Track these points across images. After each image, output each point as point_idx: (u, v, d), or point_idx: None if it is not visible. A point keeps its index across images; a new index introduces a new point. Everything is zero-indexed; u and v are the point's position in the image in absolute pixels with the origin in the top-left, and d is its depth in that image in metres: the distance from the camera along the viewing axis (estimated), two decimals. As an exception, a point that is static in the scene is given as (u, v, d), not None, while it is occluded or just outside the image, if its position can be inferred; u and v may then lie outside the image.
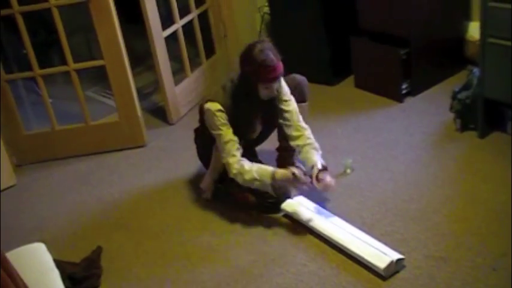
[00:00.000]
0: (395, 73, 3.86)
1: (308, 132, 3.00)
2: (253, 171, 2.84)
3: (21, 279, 1.97)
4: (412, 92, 3.92)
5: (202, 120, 3.03)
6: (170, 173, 3.58)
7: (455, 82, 3.75)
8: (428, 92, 3.96)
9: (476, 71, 3.33)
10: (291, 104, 2.98)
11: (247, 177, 2.84)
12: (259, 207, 2.99)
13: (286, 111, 2.97)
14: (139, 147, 3.94)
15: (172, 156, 3.77)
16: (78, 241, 3.09)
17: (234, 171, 2.85)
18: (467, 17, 4.04)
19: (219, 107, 2.82)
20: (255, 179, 2.84)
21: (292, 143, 3.00)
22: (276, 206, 2.96)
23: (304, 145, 2.96)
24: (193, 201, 3.26)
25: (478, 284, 2.38)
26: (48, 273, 2.26)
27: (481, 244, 2.58)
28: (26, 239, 2.73)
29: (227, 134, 2.85)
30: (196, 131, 3.26)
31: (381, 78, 4.00)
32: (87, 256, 2.89)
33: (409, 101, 3.90)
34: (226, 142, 2.85)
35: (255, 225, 2.96)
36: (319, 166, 2.88)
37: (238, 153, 2.87)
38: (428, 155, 3.32)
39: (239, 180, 2.87)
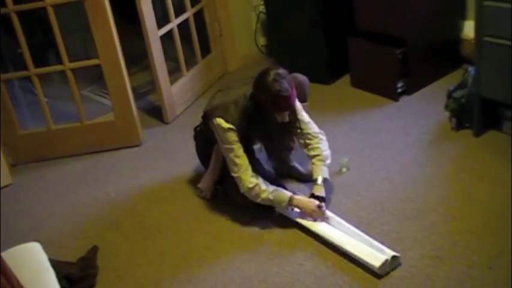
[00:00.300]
0: (391, 72, 3.86)
1: (319, 139, 3.01)
2: (269, 192, 2.84)
3: (17, 279, 1.97)
4: (408, 91, 3.93)
5: (205, 121, 3.01)
6: (166, 172, 3.57)
7: (450, 81, 3.75)
8: (424, 90, 3.96)
9: (471, 69, 3.34)
10: (300, 113, 2.97)
11: (263, 195, 2.84)
12: (256, 208, 2.97)
13: (297, 121, 2.97)
14: (135, 146, 3.94)
15: (168, 156, 3.76)
16: (74, 241, 3.09)
17: (250, 185, 2.83)
18: (463, 16, 4.05)
19: (230, 125, 2.80)
20: (269, 200, 2.86)
21: (305, 151, 3.02)
22: (272, 208, 2.96)
23: (313, 156, 2.98)
24: (190, 200, 3.25)
25: (474, 283, 2.38)
26: (44, 273, 2.25)
27: (477, 243, 2.59)
28: (21, 238, 2.72)
29: (239, 149, 2.84)
30: (196, 129, 3.25)
31: (377, 77, 4.00)
32: (83, 256, 2.89)
33: (405, 99, 3.91)
34: (238, 157, 2.84)
35: (251, 225, 2.96)
36: (319, 191, 2.89)
37: (250, 169, 2.86)
38: (425, 154, 3.32)
39: (250, 196, 2.87)
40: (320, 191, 2.90)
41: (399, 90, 3.90)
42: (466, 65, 3.50)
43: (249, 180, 2.84)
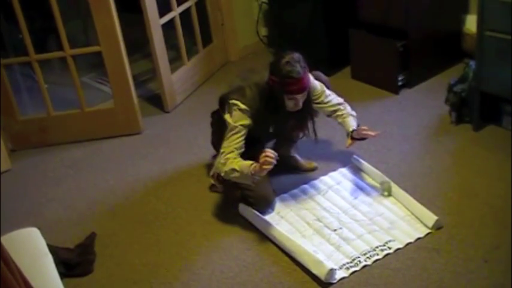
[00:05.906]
0: (392, 65, 3.86)
1: (344, 105, 3.08)
2: (235, 162, 2.74)
3: (15, 264, 1.97)
4: (409, 84, 3.93)
5: (221, 105, 2.96)
6: (165, 160, 3.58)
7: (451, 75, 3.75)
8: (424, 84, 3.97)
9: (472, 64, 3.34)
10: (323, 96, 3.02)
11: (230, 166, 2.73)
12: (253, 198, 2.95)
13: (321, 106, 3.05)
14: (134, 134, 3.94)
15: (167, 144, 3.77)
16: (72, 227, 3.09)
17: (222, 161, 2.77)
18: (465, 10, 4.04)
19: (245, 107, 2.76)
20: (235, 170, 2.73)
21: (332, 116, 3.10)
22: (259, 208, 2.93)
23: (340, 115, 3.07)
24: (188, 189, 3.26)
25: (469, 276, 2.40)
26: (42, 258, 2.26)
27: (473, 236, 2.60)
28: (19, 223, 2.72)
29: (240, 132, 2.77)
30: (213, 115, 3.18)
31: (377, 69, 4.00)
32: (81, 242, 2.90)
33: (405, 92, 3.91)
34: (236, 135, 2.77)
35: (249, 214, 2.97)
36: (354, 126, 3.01)
37: (238, 151, 2.77)
38: (423, 147, 3.33)
39: (221, 169, 2.78)
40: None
41: (400, 83, 3.90)
42: (467, 59, 3.50)
43: (226, 156, 2.75)
